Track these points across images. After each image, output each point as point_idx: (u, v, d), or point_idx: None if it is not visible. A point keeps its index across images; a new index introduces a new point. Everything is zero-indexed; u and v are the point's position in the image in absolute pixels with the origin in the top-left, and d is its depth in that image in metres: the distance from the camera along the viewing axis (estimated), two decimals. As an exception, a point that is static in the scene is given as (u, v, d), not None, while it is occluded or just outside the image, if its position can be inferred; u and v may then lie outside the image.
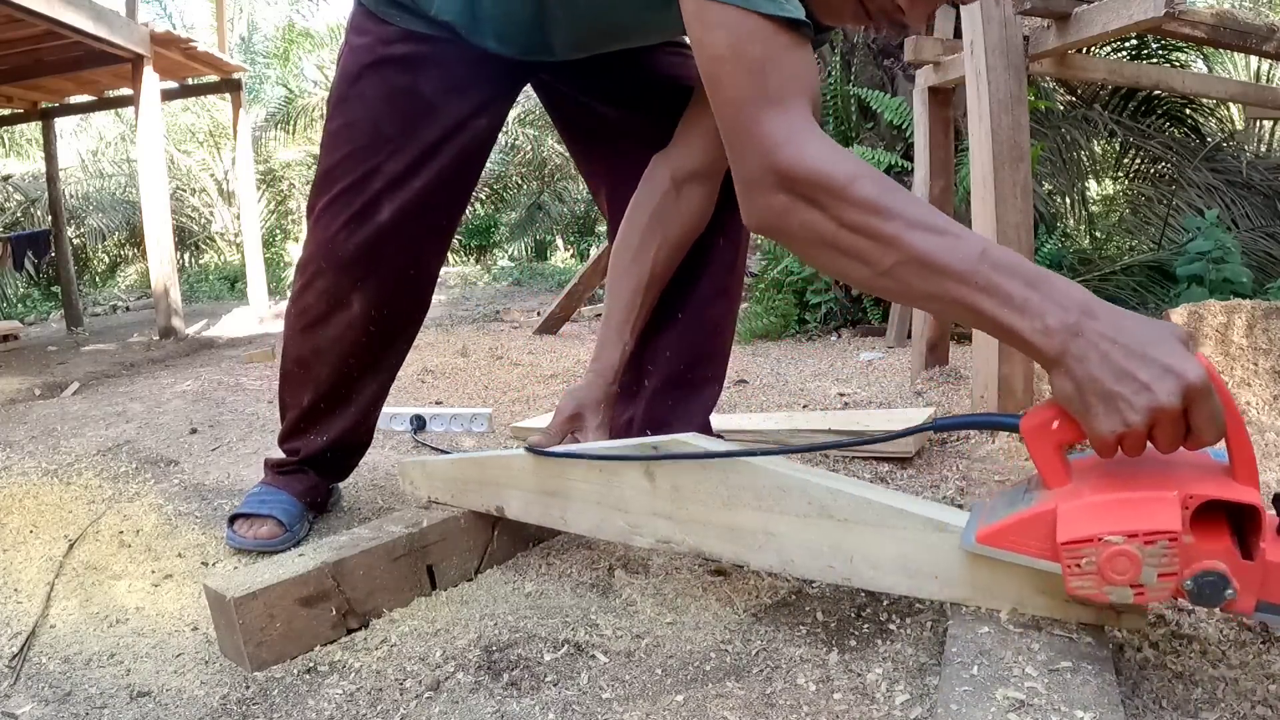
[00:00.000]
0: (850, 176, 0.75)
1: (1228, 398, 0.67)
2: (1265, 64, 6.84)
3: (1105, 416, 0.68)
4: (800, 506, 0.86)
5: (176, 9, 14.09)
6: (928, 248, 0.73)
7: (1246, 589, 0.68)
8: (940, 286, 0.74)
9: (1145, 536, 0.67)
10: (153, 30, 4.91)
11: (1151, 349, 0.66)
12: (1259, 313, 1.83)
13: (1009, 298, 0.71)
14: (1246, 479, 0.69)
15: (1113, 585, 0.69)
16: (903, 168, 3.70)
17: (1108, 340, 0.68)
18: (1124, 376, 0.66)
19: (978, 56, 1.71)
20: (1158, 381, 0.65)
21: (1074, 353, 0.69)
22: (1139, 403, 0.66)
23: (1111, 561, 0.68)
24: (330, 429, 1.37)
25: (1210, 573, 0.68)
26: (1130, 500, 0.70)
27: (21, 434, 2.30)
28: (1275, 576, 0.68)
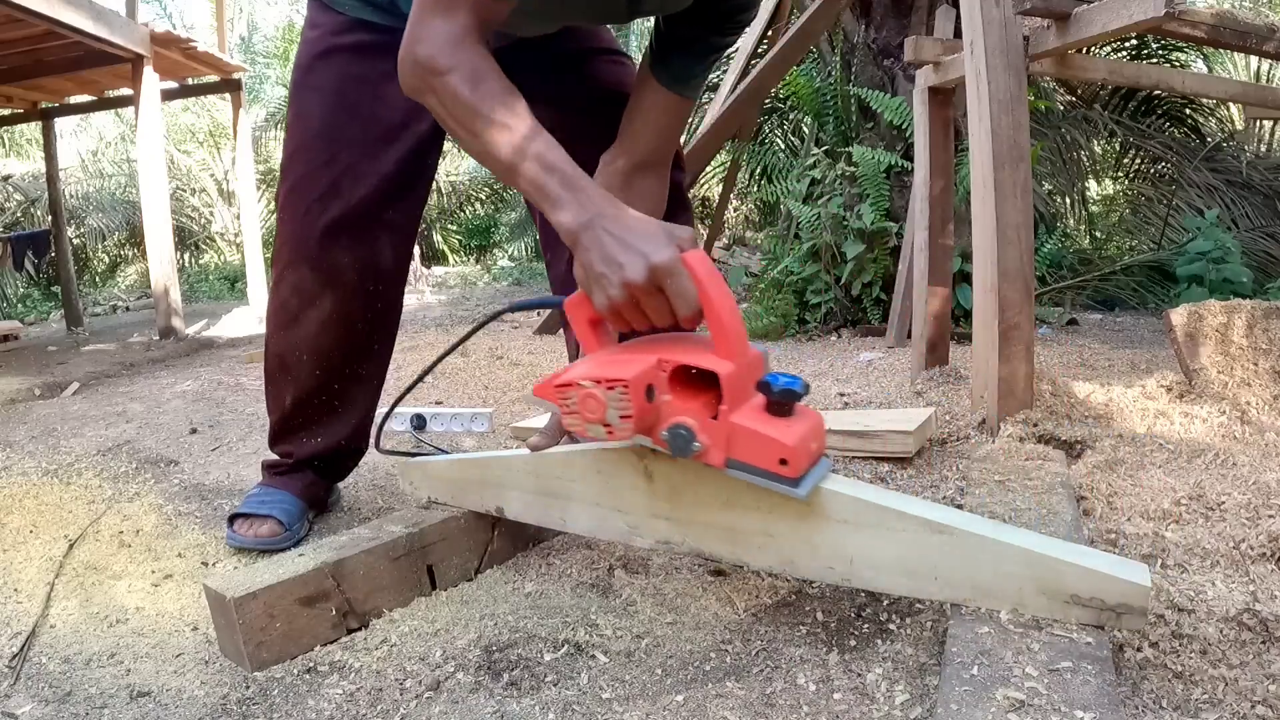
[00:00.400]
0: (447, 69, 0.92)
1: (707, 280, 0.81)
2: (1265, 64, 6.84)
3: (597, 291, 0.85)
4: (800, 507, 0.86)
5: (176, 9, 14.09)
6: (492, 140, 0.91)
7: (715, 444, 0.82)
8: (503, 172, 0.93)
9: (607, 383, 0.82)
10: (153, 30, 4.91)
11: (635, 239, 0.83)
12: (1259, 313, 1.83)
13: (544, 190, 0.89)
14: (724, 353, 0.82)
15: (589, 423, 0.84)
16: (903, 168, 3.70)
17: (607, 233, 0.84)
18: (609, 260, 0.83)
19: (978, 56, 1.71)
20: (631, 263, 0.81)
21: (583, 242, 0.86)
22: (614, 278, 0.82)
23: (584, 402, 0.84)
24: (321, 432, 1.37)
25: (680, 426, 0.83)
26: (615, 359, 0.86)
27: (21, 434, 2.30)
28: (739, 438, 0.81)
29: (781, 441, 0.79)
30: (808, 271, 3.86)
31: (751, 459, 0.82)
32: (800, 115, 5.60)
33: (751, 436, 0.81)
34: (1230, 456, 1.42)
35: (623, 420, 0.82)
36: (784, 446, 0.79)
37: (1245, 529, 1.09)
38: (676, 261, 0.81)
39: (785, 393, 0.81)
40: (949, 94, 2.36)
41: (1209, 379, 1.77)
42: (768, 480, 0.82)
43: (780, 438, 0.80)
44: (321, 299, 1.29)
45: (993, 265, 1.67)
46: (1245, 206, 5.21)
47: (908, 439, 1.57)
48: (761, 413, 0.82)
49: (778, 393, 0.81)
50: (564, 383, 0.86)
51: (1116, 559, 0.78)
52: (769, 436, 0.80)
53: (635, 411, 0.81)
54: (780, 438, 0.80)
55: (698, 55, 1.12)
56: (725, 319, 0.82)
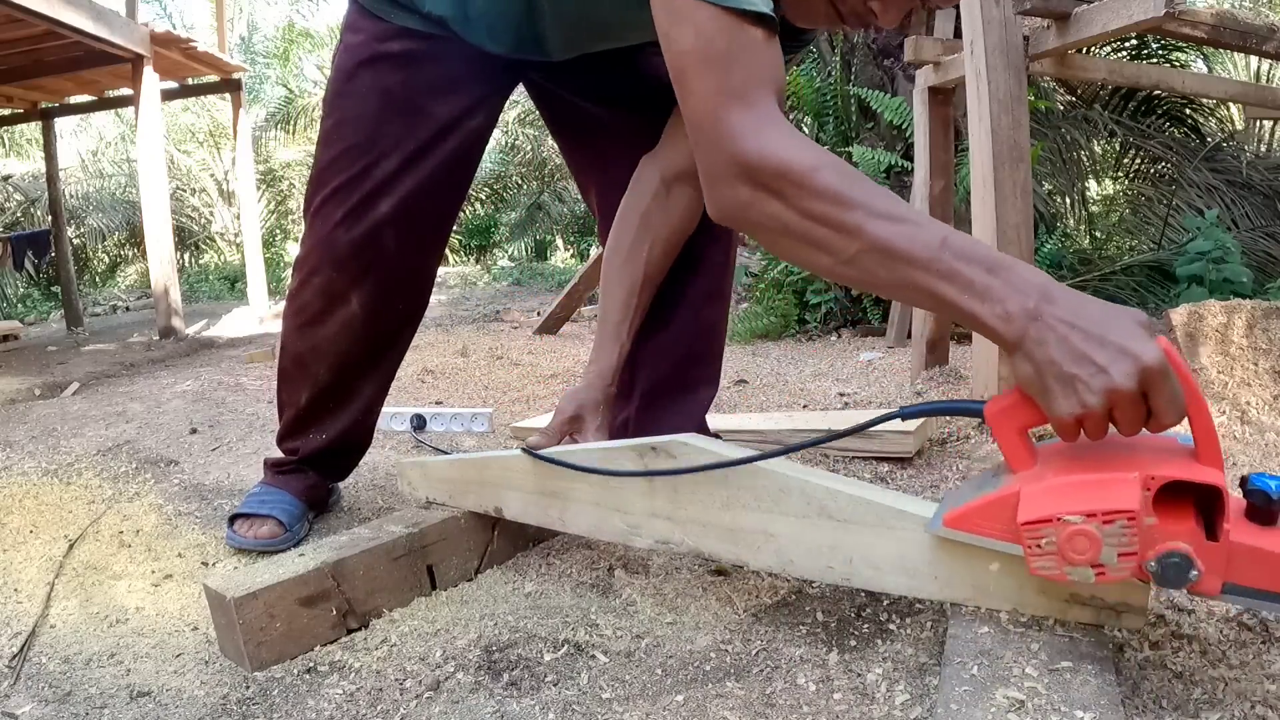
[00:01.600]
0: (812, 167, 0.76)
1: (1189, 380, 0.68)
2: (1265, 64, 6.84)
3: (1063, 398, 0.69)
4: (799, 507, 0.86)
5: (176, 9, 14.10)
6: (889, 236, 0.74)
7: (1211, 570, 0.69)
8: (903, 274, 0.75)
9: (1104, 516, 0.68)
10: (153, 30, 4.91)
11: (1109, 332, 0.67)
12: (1259, 313, 1.83)
13: (970, 284, 0.72)
14: (1210, 460, 0.69)
15: (1073, 565, 0.70)
16: (903, 168, 3.70)
17: (1065, 324, 0.69)
18: (1081, 359, 0.67)
19: (978, 56, 1.71)
20: (1114, 363, 0.66)
21: (1033, 336, 0.70)
22: (1095, 384, 0.67)
23: (1071, 541, 0.69)
24: (329, 428, 1.37)
25: (1174, 553, 0.69)
26: (1090, 481, 0.71)
27: (21, 434, 2.30)
28: (1239, 557, 0.69)
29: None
30: (808, 271, 3.86)
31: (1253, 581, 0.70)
32: (800, 115, 5.61)
33: (1256, 556, 0.69)
34: (1230, 456, 1.42)
35: (1121, 559, 0.69)
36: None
37: (1245, 529, 1.09)
38: (1166, 361, 0.66)
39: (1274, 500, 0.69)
40: (949, 94, 2.36)
41: (1209, 379, 1.77)
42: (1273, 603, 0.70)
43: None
44: (347, 302, 1.28)
45: (993, 265, 1.67)
46: (1245, 206, 5.21)
47: (908, 439, 1.57)
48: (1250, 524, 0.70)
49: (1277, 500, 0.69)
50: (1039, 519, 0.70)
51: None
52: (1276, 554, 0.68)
53: (1140, 547, 0.68)
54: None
55: None
56: (1209, 421, 0.69)
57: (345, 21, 1.26)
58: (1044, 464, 0.75)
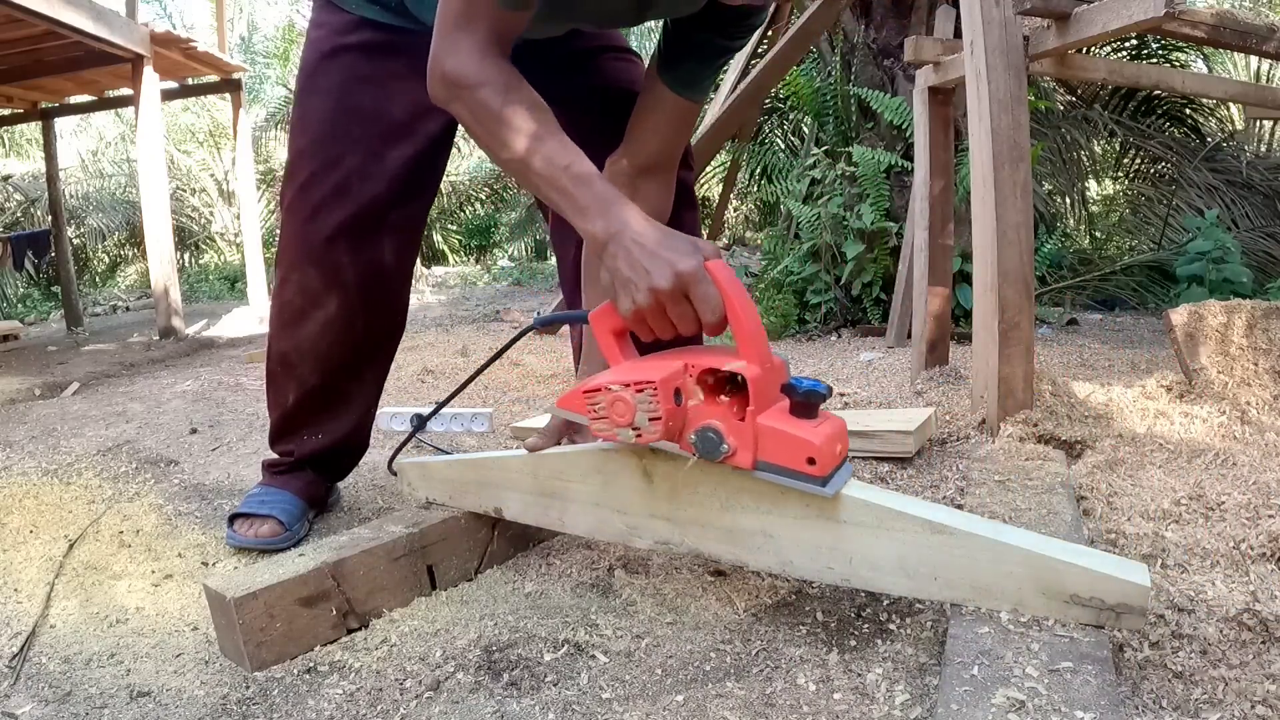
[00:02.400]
0: (476, 84, 0.95)
1: (729, 289, 0.83)
2: (1265, 64, 6.84)
3: (623, 298, 0.87)
4: (799, 508, 0.86)
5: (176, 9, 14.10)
6: (525, 152, 0.93)
7: (743, 446, 0.83)
8: (532, 182, 0.95)
9: (636, 385, 0.84)
10: (153, 30, 4.91)
11: (662, 249, 0.85)
12: (1259, 313, 1.83)
13: (574, 201, 0.91)
14: (748, 356, 0.84)
15: (618, 426, 0.86)
16: (903, 168, 3.70)
17: (635, 243, 0.86)
18: (635, 266, 0.85)
19: (978, 56, 1.71)
20: (657, 270, 0.84)
21: (610, 250, 0.88)
22: (641, 284, 0.85)
23: (613, 406, 0.86)
24: (323, 430, 1.37)
25: (709, 429, 0.84)
26: (638, 365, 0.88)
27: (21, 434, 2.30)
28: (767, 439, 0.82)
29: (809, 441, 0.81)
30: (808, 271, 3.86)
31: (779, 459, 0.82)
32: (800, 115, 5.60)
33: (779, 437, 0.82)
34: (1230, 456, 1.42)
35: (652, 422, 0.84)
36: (811, 445, 0.81)
37: (1245, 529, 1.09)
38: (701, 269, 0.83)
39: (810, 394, 0.82)
40: (949, 94, 2.36)
41: (1209, 379, 1.77)
42: (795, 480, 0.82)
43: (808, 437, 0.81)
44: (326, 300, 1.29)
45: (993, 265, 1.67)
46: (1245, 206, 5.21)
47: (908, 439, 1.57)
48: (787, 415, 0.83)
49: (802, 394, 0.82)
50: (592, 388, 0.87)
51: (1116, 559, 0.78)
52: (797, 436, 0.81)
53: (664, 413, 0.83)
54: (808, 437, 0.81)
55: (705, 59, 1.12)
56: (750, 325, 0.83)
57: (311, 17, 1.29)
58: (630, 361, 0.91)
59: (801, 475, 0.82)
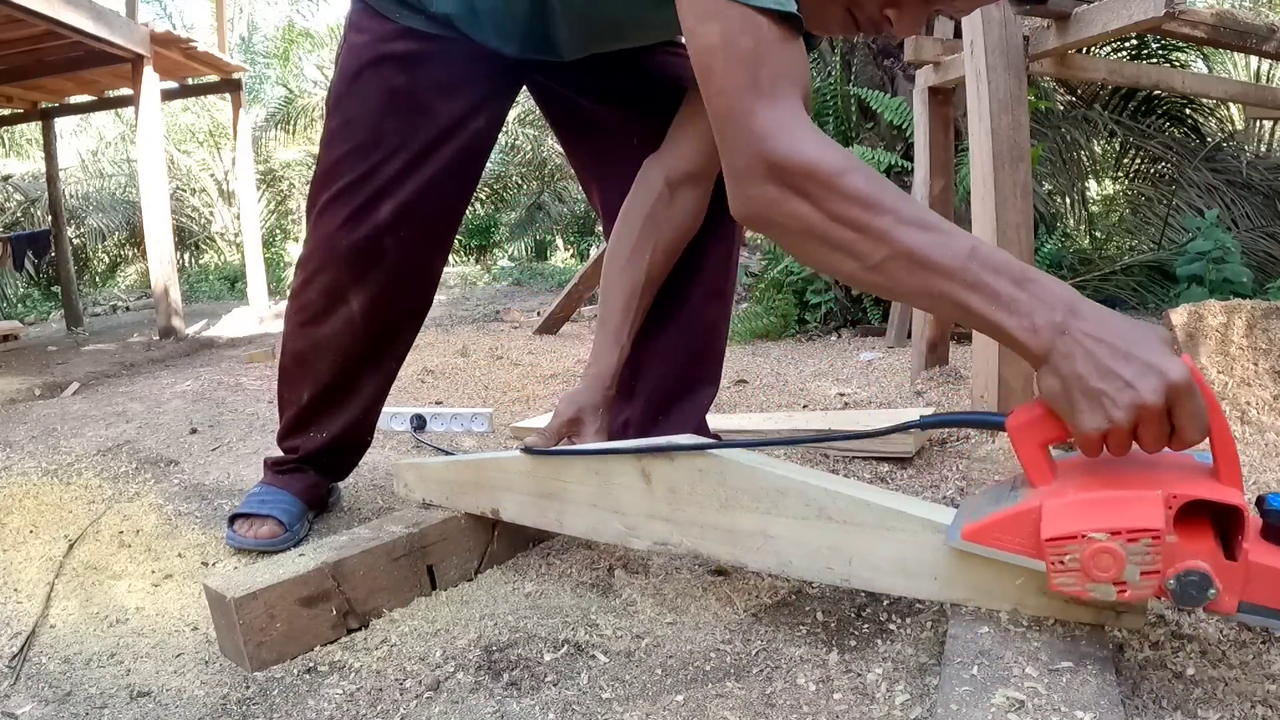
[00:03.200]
0: (841, 169, 0.75)
1: (1212, 398, 0.68)
2: (1265, 64, 6.84)
3: (1090, 413, 0.69)
4: (798, 508, 0.86)
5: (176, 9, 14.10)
6: (917, 244, 0.73)
7: (1229, 589, 0.69)
8: (929, 283, 0.74)
9: (1129, 534, 0.68)
10: (153, 30, 4.91)
11: (1135, 348, 0.68)
12: (1259, 313, 1.83)
13: (997, 296, 0.72)
14: (1230, 480, 0.69)
15: (1096, 582, 0.70)
16: (903, 168, 3.70)
17: (1092, 339, 0.69)
18: (1108, 374, 0.67)
19: (978, 56, 1.71)
20: (1141, 379, 0.66)
21: (1060, 350, 0.69)
22: (1122, 400, 0.67)
23: (1095, 558, 0.69)
24: (330, 427, 1.37)
25: (1193, 572, 0.69)
26: (1114, 498, 0.70)
27: (21, 434, 2.30)
28: (1257, 577, 0.69)
29: None
30: (808, 271, 3.86)
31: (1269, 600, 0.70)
32: (800, 115, 5.60)
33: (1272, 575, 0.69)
34: (1230, 456, 1.42)
35: (1144, 578, 0.69)
36: None
37: (1245, 529, 1.09)
38: (1191, 378, 0.67)
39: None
40: (949, 94, 2.36)
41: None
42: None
43: None
44: (350, 301, 1.28)
45: (993, 265, 1.67)
46: (1245, 206, 5.22)
47: (907, 439, 1.57)
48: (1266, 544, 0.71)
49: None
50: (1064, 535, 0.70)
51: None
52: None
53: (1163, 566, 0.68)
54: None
55: None
56: (1230, 440, 0.70)
57: (349, 21, 1.25)
58: (1064, 479, 0.74)
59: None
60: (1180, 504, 0.69)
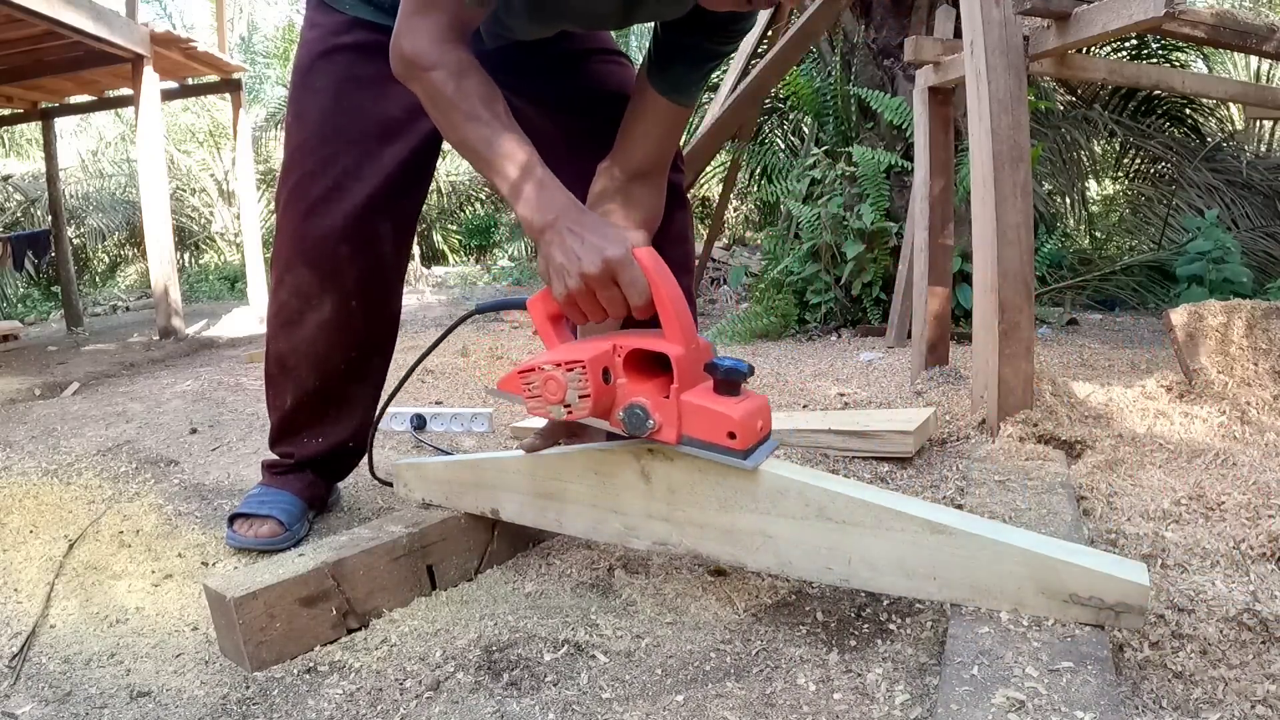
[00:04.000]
0: (430, 66, 0.99)
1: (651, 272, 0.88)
2: (1265, 64, 6.84)
3: (556, 282, 0.93)
4: (797, 509, 0.86)
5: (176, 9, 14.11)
6: (472, 137, 0.99)
7: (668, 422, 0.88)
8: (479, 165, 1.00)
9: (566, 365, 0.89)
10: (153, 30, 4.91)
11: (592, 236, 0.91)
12: (1259, 313, 1.83)
13: (515, 187, 0.96)
14: (673, 337, 0.89)
15: (550, 404, 0.91)
16: (903, 168, 3.70)
17: (569, 230, 0.92)
18: (568, 253, 0.91)
19: (978, 56, 1.71)
20: (586, 254, 0.90)
21: (545, 238, 0.94)
22: (572, 269, 0.90)
23: (545, 384, 0.91)
24: (322, 434, 1.37)
25: (636, 406, 0.89)
26: (572, 347, 0.93)
27: (21, 434, 2.30)
28: (690, 415, 0.87)
29: (729, 415, 0.85)
30: (808, 271, 3.86)
31: (702, 434, 0.87)
32: (800, 115, 5.60)
33: (701, 413, 0.87)
34: (1230, 456, 1.42)
35: (582, 400, 0.89)
36: (731, 420, 0.85)
37: (1245, 529, 1.09)
38: (628, 255, 0.89)
39: (731, 372, 0.86)
40: (949, 94, 2.36)
41: (1209, 379, 1.77)
42: (718, 454, 0.87)
43: (728, 412, 0.85)
44: (321, 300, 1.29)
45: (993, 265, 1.67)
46: (1245, 206, 5.22)
47: (908, 439, 1.57)
48: (710, 393, 0.88)
49: (724, 372, 0.86)
50: (526, 368, 0.92)
51: (1115, 558, 0.78)
52: (718, 411, 0.86)
53: (593, 391, 0.88)
54: (728, 412, 0.85)
55: (695, 63, 1.12)
56: (674, 308, 0.89)
57: (305, 18, 1.29)
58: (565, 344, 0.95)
59: (724, 449, 0.86)
60: (624, 351, 0.90)
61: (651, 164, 1.18)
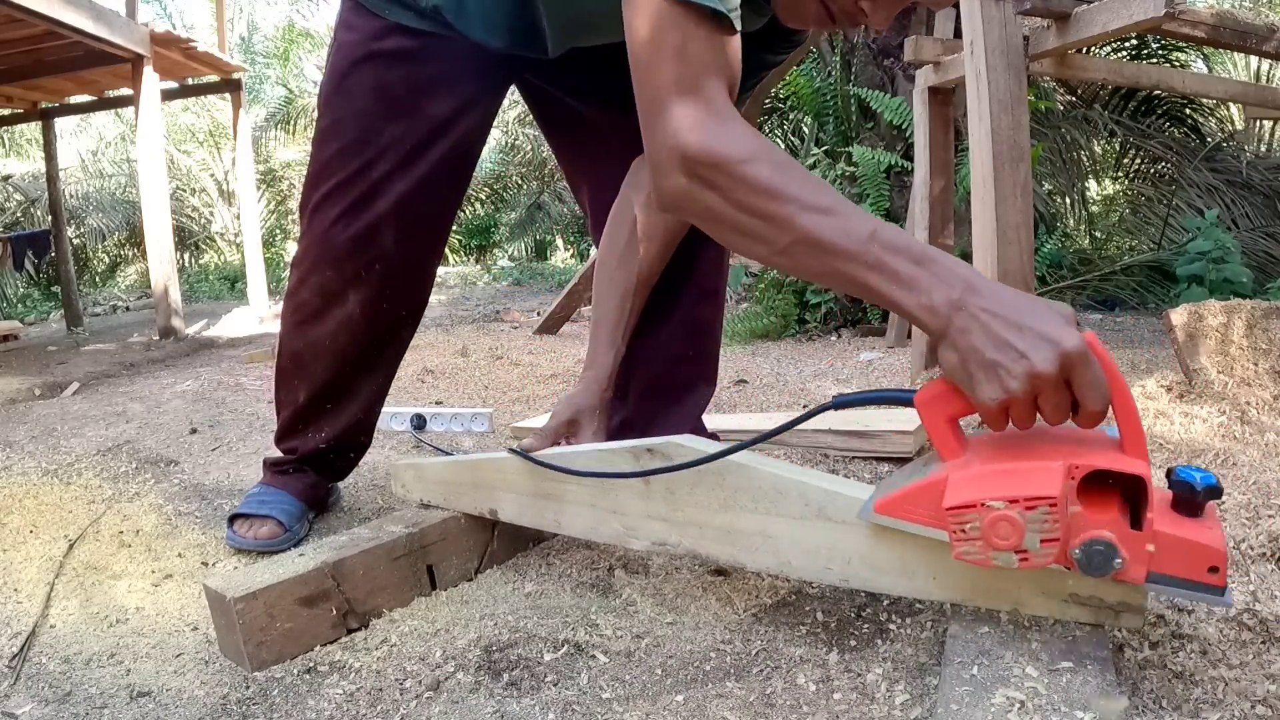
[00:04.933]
0: (746, 158, 0.77)
1: (1112, 368, 0.69)
2: (1265, 64, 6.83)
3: (987, 385, 0.70)
4: (798, 509, 0.86)
5: (176, 9, 14.09)
6: (819, 229, 0.76)
7: (1136, 559, 0.71)
8: (833, 265, 0.77)
9: (1026, 502, 0.69)
10: (153, 30, 4.91)
11: (1030, 319, 0.70)
12: (1259, 313, 1.83)
13: (896, 275, 0.74)
14: (1134, 450, 0.71)
15: (997, 550, 0.71)
16: (903, 168, 3.70)
17: (988, 313, 0.71)
18: (1003, 346, 0.69)
19: (978, 56, 1.71)
20: (1035, 350, 0.68)
21: (957, 325, 0.72)
22: (1017, 370, 0.68)
23: (994, 526, 0.70)
24: (328, 428, 1.37)
25: (1098, 541, 0.70)
26: (1015, 469, 0.72)
27: (21, 434, 2.30)
28: (1163, 546, 0.70)
29: (1213, 548, 0.70)
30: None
31: (1176, 570, 0.71)
32: (800, 115, 5.60)
33: (1180, 545, 0.70)
34: (1230, 456, 1.42)
35: (1044, 545, 0.70)
36: (1215, 553, 0.70)
37: (1245, 529, 1.09)
38: (1086, 348, 0.68)
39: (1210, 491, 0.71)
40: (949, 94, 2.36)
41: (1209, 379, 1.77)
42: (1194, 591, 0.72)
43: (1211, 544, 0.70)
44: (346, 300, 1.27)
45: (993, 265, 1.67)
46: (1245, 206, 5.22)
47: (908, 439, 1.57)
48: (1176, 515, 0.72)
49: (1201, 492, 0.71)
50: (963, 504, 0.71)
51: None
52: (1200, 544, 0.70)
53: (1062, 535, 0.70)
54: (1211, 544, 0.70)
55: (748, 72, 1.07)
56: (1134, 412, 0.71)
57: (339, 19, 1.26)
58: (973, 453, 0.76)
59: (1201, 586, 0.71)
60: (1082, 474, 0.70)
61: None
